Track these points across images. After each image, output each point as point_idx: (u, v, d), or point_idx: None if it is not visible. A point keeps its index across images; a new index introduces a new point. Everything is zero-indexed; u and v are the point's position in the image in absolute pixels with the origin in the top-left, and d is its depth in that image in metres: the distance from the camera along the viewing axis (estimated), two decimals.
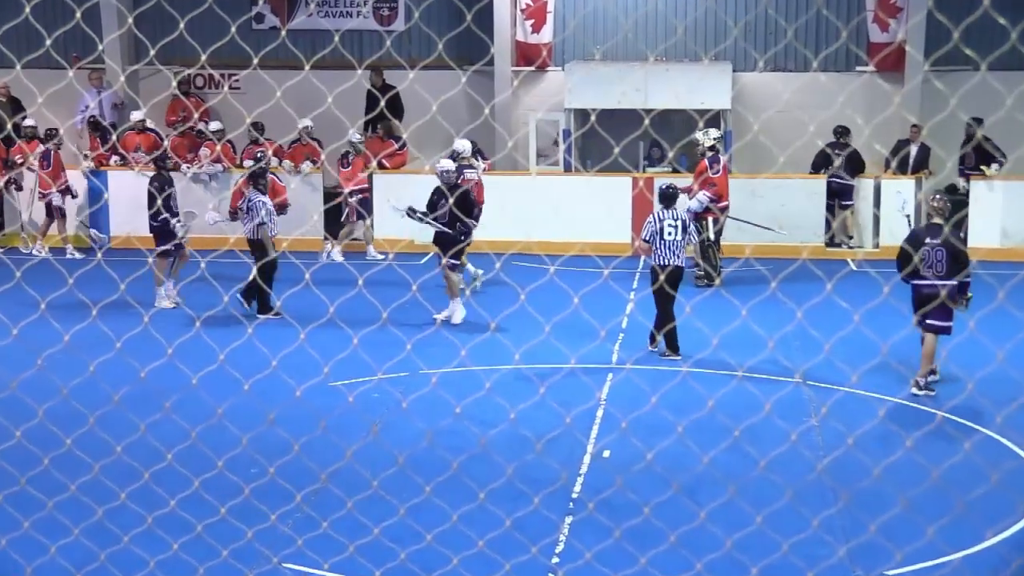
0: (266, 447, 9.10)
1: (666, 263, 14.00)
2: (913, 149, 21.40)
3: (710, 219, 17.93)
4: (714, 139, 18.25)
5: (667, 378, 12.17)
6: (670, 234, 14.04)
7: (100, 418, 7.94)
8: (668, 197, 14.33)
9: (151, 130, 22.43)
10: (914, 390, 12.35)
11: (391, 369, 11.62)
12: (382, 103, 19.75)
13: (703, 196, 17.83)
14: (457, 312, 15.57)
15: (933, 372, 12.40)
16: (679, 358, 13.88)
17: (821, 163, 21.51)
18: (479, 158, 20.97)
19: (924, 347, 12.38)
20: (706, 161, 18.13)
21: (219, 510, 7.40)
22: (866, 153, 21.73)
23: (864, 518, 8.61)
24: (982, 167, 20.62)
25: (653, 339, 14.17)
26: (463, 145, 18.24)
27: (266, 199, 16.49)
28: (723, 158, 18.51)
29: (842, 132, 21.50)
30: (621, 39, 23.90)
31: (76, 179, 21.76)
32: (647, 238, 14.18)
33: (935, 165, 21.43)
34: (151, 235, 17.08)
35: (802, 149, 21.65)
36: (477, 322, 15.24)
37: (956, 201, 20.99)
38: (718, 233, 18.20)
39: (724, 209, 18.23)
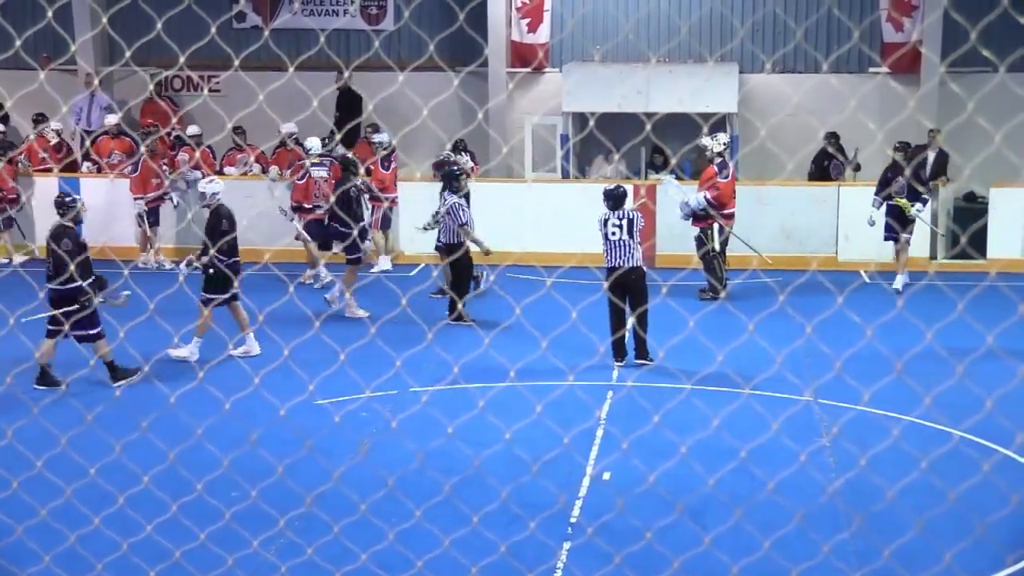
0: (248, 469, 9.11)
1: (614, 264, 14.28)
2: (930, 155, 21.43)
3: (715, 227, 17.94)
4: (723, 144, 18.29)
5: (670, 396, 12.18)
6: (614, 234, 14.34)
7: (72, 439, 7.95)
8: (615, 198, 14.58)
9: (126, 134, 22.46)
10: None
11: (380, 387, 11.63)
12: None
13: (703, 195, 17.85)
14: (187, 348, 13.29)
15: None
16: (622, 364, 14.25)
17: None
18: (470, 159, 21.07)
19: None
20: (715, 167, 18.17)
21: (198, 536, 7.40)
22: (880, 159, 21.77)
23: (878, 543, 8.62)
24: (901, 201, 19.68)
25: (643, 353, 14.25)
26: (312, 142, 19.26)
27: (463, 200, 16.78)
28: (731, 164, 18.55)
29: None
30: (622, 39, 23.95)
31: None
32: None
33: (952, 172, 21.45)
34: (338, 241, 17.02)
35: (812, 155, 21.72)
36: (470, 337, 15.24)
37: (975, 210, 21.06)
38: (724, 243, 18.21)
39: (729, 218, 18.25)
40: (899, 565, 8.04)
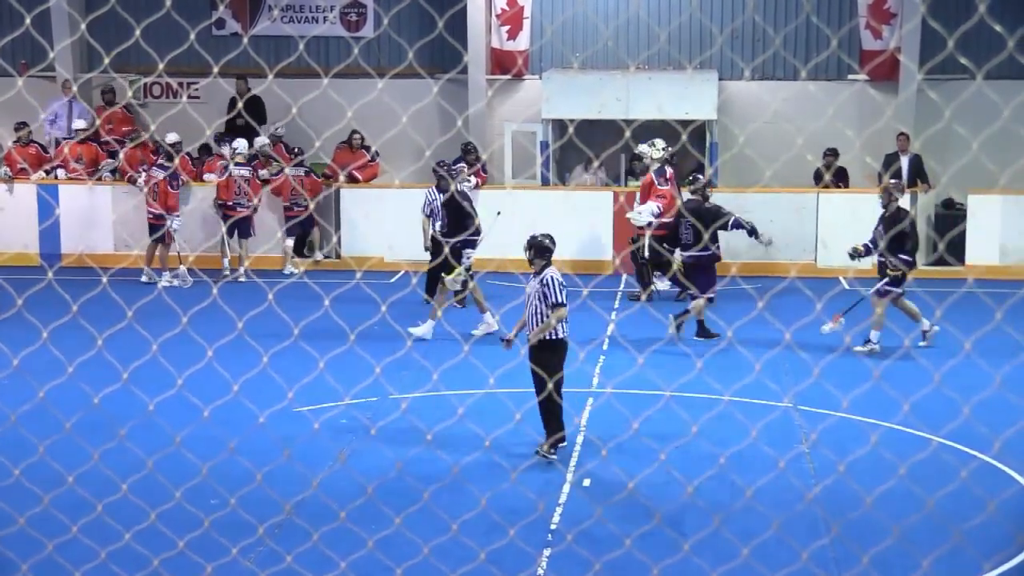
0: (227, 477, 9.08)
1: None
2: (904, 161, 21.50)
3: (646, 235, 18.03)
4: (662, 151, 18.39)
5: (649, 403, 12.18)
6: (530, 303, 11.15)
7: (50, 447, 7.91)
8: (539, 249, 11.29)
9: (93, 140, 22.38)
10: None
11: (359, 394, 11.61)
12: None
13: (654, 206, 17.96)
14: None
15: None
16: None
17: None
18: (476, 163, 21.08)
19: None
20: (652, 174, 18.34)
21: (177, 544, 7.38)
22: (857, 167, 21.87)
23: (856, 550, 8.64)
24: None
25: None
26: (239, 143, 20.38)
27: (436, 195, 17.73)
28: (669, 170, 18.60)
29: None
30: (601, 46, 23.97)
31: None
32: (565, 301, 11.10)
33: (930, 179, 21.51)
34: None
35: (790, 162, 21.78)
36: (450, 344, 15.23)
37: (953, 216, 21.17)
38: (651, 249, 18.21)
39: (660, 228, 18.32)
40: (877, 572, 8.07)
